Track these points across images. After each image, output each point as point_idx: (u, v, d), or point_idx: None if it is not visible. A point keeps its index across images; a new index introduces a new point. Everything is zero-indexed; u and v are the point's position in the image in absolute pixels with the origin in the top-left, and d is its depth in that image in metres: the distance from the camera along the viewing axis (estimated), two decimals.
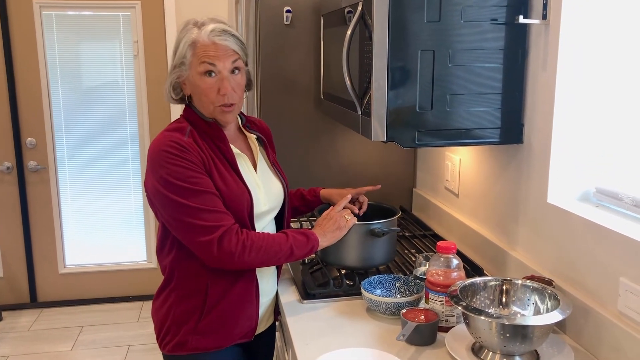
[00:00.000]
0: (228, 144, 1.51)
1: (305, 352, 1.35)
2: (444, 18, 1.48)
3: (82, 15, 3.58)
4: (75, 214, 3.86)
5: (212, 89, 1.46)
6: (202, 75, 1.45)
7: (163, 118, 3.76)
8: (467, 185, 1.99)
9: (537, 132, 1.54)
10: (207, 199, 1.40)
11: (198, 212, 1.38)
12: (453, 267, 1.42)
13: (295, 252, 1.46)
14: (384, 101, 1.49)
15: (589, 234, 1.36)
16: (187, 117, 1.52)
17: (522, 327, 1.18)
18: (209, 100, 1.47)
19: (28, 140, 3.66)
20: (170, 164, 1.39)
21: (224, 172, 1.47)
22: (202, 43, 1.44)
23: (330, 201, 1.82)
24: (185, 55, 1.45)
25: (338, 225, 1.58)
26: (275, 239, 1.45)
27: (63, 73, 3.64)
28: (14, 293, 3.87)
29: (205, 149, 1.46)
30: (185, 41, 1.45)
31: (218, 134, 1.50)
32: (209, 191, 1.41)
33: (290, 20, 2.23)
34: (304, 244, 1.48)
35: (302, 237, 1.49)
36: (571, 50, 1.43)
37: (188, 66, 1.46)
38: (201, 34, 1.44)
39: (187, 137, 1.45)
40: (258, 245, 1.42)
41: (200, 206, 1.38)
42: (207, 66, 1.44)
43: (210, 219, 1.39)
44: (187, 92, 1.51)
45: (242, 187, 1.49)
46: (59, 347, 3.39)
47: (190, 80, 1.48)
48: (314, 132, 2.37)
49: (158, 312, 1.57)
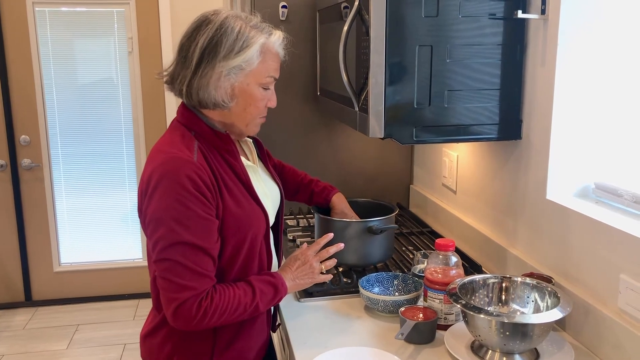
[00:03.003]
0: (240, 159, 1.34)
1: (304, 351, 1.34)
2: (441, 13, 1.47)
3: (75, 11, 3.55)
4: (70, 212, 3.84)
5: (264, 100, 1.32)
6: (260, 87, 1.29)
7: (158, 115, 3.73)
8: (464, 182, 1.98)
9: (535, 128, 1.53)
10: (198, 258, 1.21)
11: (179, 267, 1.20)
12: (452, 265, 1.41)
13: (260, 307, 1.29)
14: (381, 97, 1.48)
15: (589, 230, 1.35)
16: (190, 127, 1.31)
17: (521, 325, 1.17)
18: (257, 112, 1.32)
19: (22, 137, 3.63)
20: (178, 202, 1.19)
21: (236, 192, 1.30)
22: (273, 52, 1.29)
23: (331, 209, 1.75)
24: (251, 60, 1.25)
25: (312, 274, 1.40)
26: (240, 298, 1.26)
27: (57, 70, 3.61)
28: (9, 292, 3.84)
29: (214, 167, 1.27)
30: (257, 44, 1.25)
31: (228, 147, 1.31)
32: (202, 247, 1.21)
33: (285, 15, 2.21)
34: (270, 298, 1.31)
35: (270, 290, 1.30)
36: (570, 46, 1.41)
37: (248, 73, 1.26)
38: (271, 41, 1.28)
39: (196, 155, 1.24)
40: (221, 310, 1.23)
41: (184, 262, 1.20)
42: (271, 80, 1.31)
43: (186, 278, 1.20)
44: (230, 99, 1.28)
45: (257, 207, 1.34)
46: (54, 345, 3.37)
47: (241, 87, 1.27)
48: (310, 129, 2.35)
49: (157, 351, 1.36)
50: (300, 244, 1.97)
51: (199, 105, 1.29)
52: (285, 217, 2.30)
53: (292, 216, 2.31)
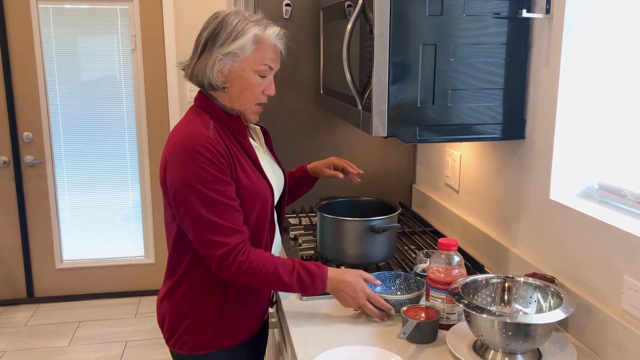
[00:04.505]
0: (248, 139, 1.50)
1: (305, 350, 1.34)
2: (446, 12, 1.46)
3: (79, 8, 3.55)
4: (72, 209, 3.84)
5: (260, 87, 1.45)
6: (255, 74, 1.43)
7: (161, 112, 3.73)
8: (467, 181, 1.98)
9: (539, 128, 1.52)
10: (226, 213, 1.38)
11: (212, 226, 1.36)
12: (454, 265, 1.40)
13: (294, 284, 1.42)
14: (384, 96, 1.48)
15: (592, 231, 1.34)
16: (205, 109, 1.47)
17: (524, 325, 1.17)
18: (253, 97, 1.46)
19: (25, 134, 3.64)
20: (199, 167, 1.35)
21: (246, 167, 1.45)
22: (267, 43, 1.43)
23: (318, 173, 1.83)
24: (244, 48, 1.40)
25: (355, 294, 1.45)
26: (277, 267, 1.40)
27: (60, 67, 3.62)
28: (11, 288, 3.85)
29: (228, 144, 1.43)
30: (250, 34, 1.40)
31: (239, 128, 1.48)
32: (230, 204, 1.38)
33: (289, 14, 2.21)
34: (307, 285, 1.43)
35: (308, 278, 1.42)
36: (575, 45, 1.41)
37: (243, 59, 1.41)
38: (267, 33, 1.43)
39: (212, 131, 1.41)
40: (255, 269, 1.38)
41: (216, 220, 1.36)
42: (266, 69, 1.44)
43: (221, 233, 1.37)
44: (224, 81, 1.44)
45: (263, 180, 1.49)
46: (56, 342, 3.37)
47: (237, 72, 1.42)
48: (313, 127, 2.35)
49: (173, 310, 1.52)
50: (302, 243, 1.97)
51: (198, 85, 1.47)
52: (288, 215, 2.30)
53: (295, 215, 2.31)
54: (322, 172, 1.83)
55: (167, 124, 3.76)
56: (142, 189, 3.87)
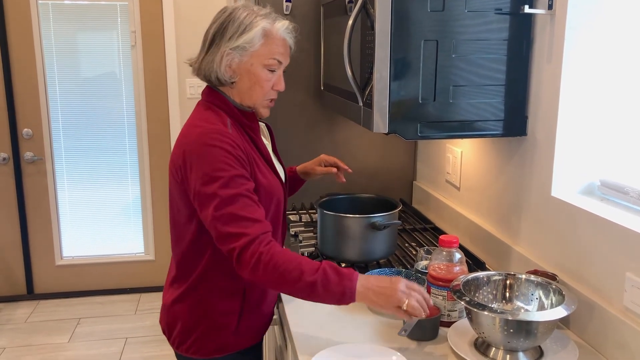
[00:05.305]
0: (260, 136, 1.49)
1: (306, 347, 1.33)
2: (447, 7, 1.45)
3: (78, 4, 3.54)
4: (72, 206, 3.84)
5: (270, 82, 1.43)
6: (264, 68, 1.40)
7: (160, 109, 3.73)
8: (468, 178, 1.97)
9: (541, 125, 1.52)
10: (248, 206, 1.31)
11: (235, 218, 1.29)
12: (455, 261, 1.40)
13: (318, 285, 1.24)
14: (386, 92, 1.47)
15: (594, 228, 1.34)
16: (219, 105, 1.43)
17: (526, 322, 1.17)
18: (262, 92, 1.43)
19: (24, 131, 3.63)
20: (224, 163, 1.31)
21: (261, 166, 1.43)
22: (276, 37, 1.40)
23: (309, 173, 1.80)
24: (253, 42, 1.37)
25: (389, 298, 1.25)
26: (301, 264, 1.26)
27: (60, 63, 3.61)
28: (11, 285, 3.85)
29: (243, 140, 1.40)
30: (258, 28, 1.37)
31: (252, 125, 1.46)
32: (252, 198, 1.33)
33: (290, 10, 2.20)
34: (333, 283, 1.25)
35: (335, 277, 1.25)
36: (577, 42, 1.40)
37: (251, 53, 1.38)
38: (276, 27, 1.40)
39: (230, 129, 1.38)
40: (276, 263, 1.25)
41: (239, 213, 1.29)
42: (275, 63, 1.41)
43: (242, 226, 1.29)
44: (231, 76, 1.41)
45: (277, 179, 1.48)
46: (55, 339, 3.37)
47: (245, 67, 1.39)
48: (314, 124, 2.34)
49: (187, 315, 1.47)
50: (303, 240, 1.96)
51: (206, 80, 1.44)
52: (288, 213, 2.30)
53: (295, 212, 2.31)
54: (314, 171, 1.79)
55: (167, 120, 3.75)
56: (142, 186, 3.86)
